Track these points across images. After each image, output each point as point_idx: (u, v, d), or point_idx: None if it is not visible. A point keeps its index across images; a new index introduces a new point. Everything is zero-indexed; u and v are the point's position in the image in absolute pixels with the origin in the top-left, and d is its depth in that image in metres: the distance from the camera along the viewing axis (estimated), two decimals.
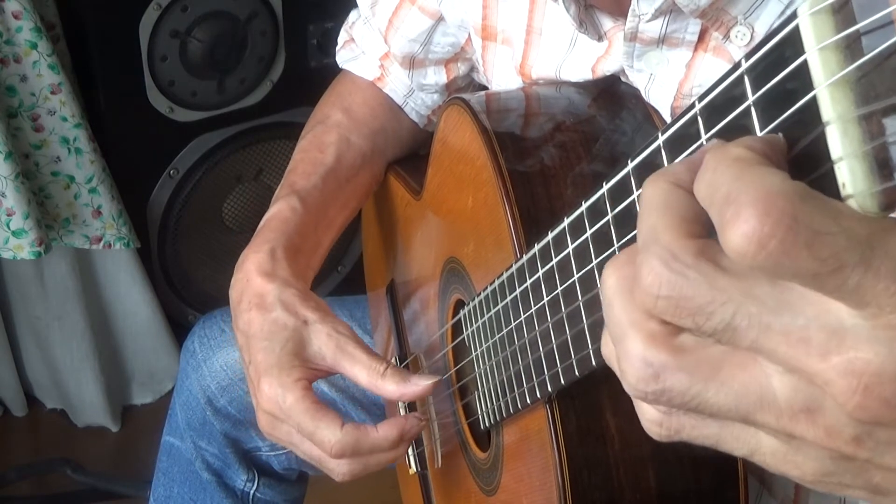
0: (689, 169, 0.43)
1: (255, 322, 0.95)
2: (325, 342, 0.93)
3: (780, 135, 0.40)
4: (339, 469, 0.93)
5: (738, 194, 0.37)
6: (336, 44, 1.28)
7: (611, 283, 0.44)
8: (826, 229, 0.36)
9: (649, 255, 0.41)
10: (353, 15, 1.25)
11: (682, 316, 0.41)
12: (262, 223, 1.07)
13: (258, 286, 0.97)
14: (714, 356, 0.42)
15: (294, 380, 0.91)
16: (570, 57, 0.92)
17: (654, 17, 0.78)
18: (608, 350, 0.47)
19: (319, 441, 0.90)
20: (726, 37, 0.78)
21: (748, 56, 0.41)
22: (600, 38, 0.87)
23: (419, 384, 0.90)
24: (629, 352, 0.43)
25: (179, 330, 2.20)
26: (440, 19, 1.11)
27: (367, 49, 1.22)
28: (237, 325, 0.99)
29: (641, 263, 0.42)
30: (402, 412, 1.14)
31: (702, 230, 0.41)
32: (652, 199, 0.43)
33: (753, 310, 0.39)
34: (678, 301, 0.40)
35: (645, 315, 0.43)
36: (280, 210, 1.07)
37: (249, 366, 0.96)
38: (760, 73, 0.41)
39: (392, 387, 0.90)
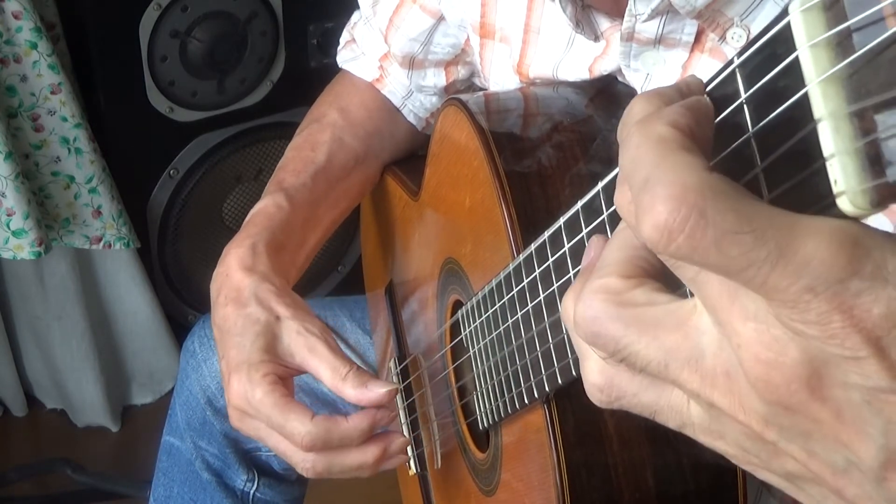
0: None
1: (230, 317, 0.96)
2: (295, 339, 0.93)
3: (706, 97, 0.42)
4: (303, 464, 0.92)
5: (655, 184, 0.38)
6: (336, 44, 1.28)
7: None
8: (735, 228, 0.37)
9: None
10: (355, 16, 1.25)
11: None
12: (247, 218, 1.07)
13: (236, 281, 0.98)
14: (655, 316, 0.44)
15: (262, 375, 0.91)
16: (568, 56, 0.92)
17: (651, 17, 0.78)
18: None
19: (290, 433, 0.90)
20: (722, 38, 0.78)
21: (740, 53, 0.41)
22: (597, 39, 0.87)
23: (375, 391, 0.89)
24: (584, 295, 0.46)
25: (179, 330, 2.20)
26: (441, 19, 1.11)
27: (367, 50, 1.22)
28: (214, 320, 0.99)
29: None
30: (402, 414, 1.14)
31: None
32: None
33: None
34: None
35: (612, 269, 0.45)
36: (265, 206, 1.07)
37: (222, 360, 0.96)
38: (752, 70, 0.41)
39: (350, 391, 0.90)
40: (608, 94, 0.89)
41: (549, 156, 0.83)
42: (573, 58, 0.92)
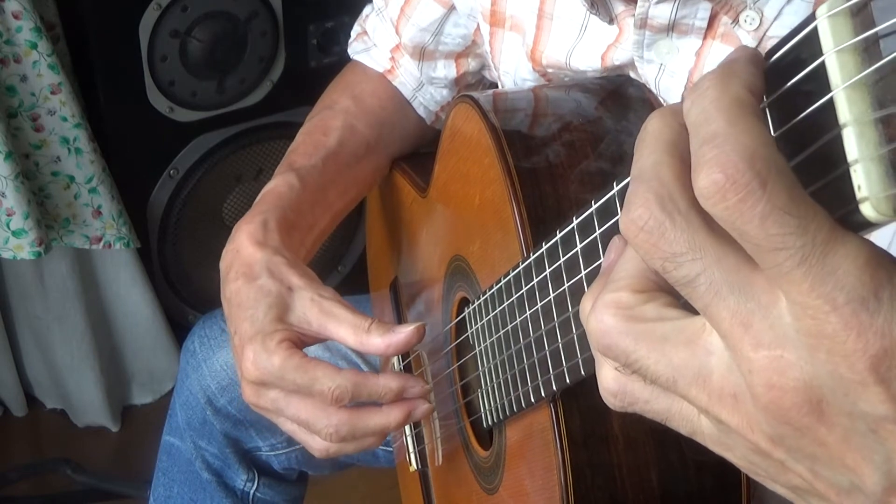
0: None
1: (242, 291, 0.94)
2: (309, 307, 0.92)
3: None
4: (328, 429, 0.90)
5: (725, 141, 0.39)
6: (336, 43, 1.28)
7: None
8: (785, 209, 0.37)
9: (647, 188, 0.43)
10: (367, 9, 1.26)
11: (654, 256, 0.42)
12: (258, 197, 1.07)
13: (248, 255, 0.97)
14: (664, 332, 0.44)
15: (277, 342, 0.90)
16: (581, 44, 0.92)
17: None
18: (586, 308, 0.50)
19: (319, 391, 0.88)
20: (735, 21, 0.78)
21: (765, 58, 0.42)
22: (611, 21, 0.87)
23: (404, 331, 0.88)
24: (597, 307, 0.46)
25: (179, 330, 2.20)
26: (452, 8, 1.11)
27: (378, 41, 1.22)
28: (224, 294, 0.98)
29: (635, 193, 0.43)
30: None
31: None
32: (660, 133, 0.44)
33: (717, 276, 0.41)
34: (657, 241, 0.42)
35: (624, 283, 0.46)
36: (277, 185, 1.07)
37: (234, 336, 0.94)
38: (776, 74, 0.41)
39: (378, 340, 0.88)
40: (619, 95, 0.89)
41: (561, 155, 0.83)
42: (586, 45, 0.92)
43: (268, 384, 0.91)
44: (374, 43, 1.23)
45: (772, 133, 0.41)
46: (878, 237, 0.69)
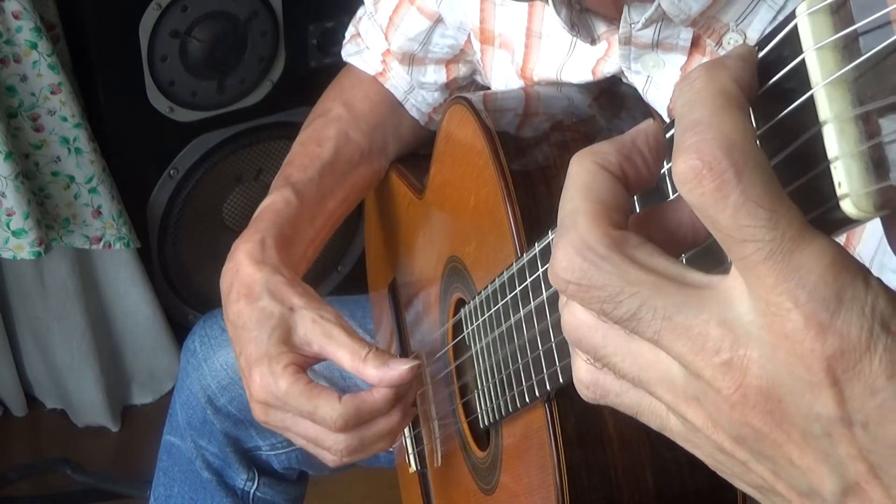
0: (618, 151, 0.45)
1: (244, 313, 0.97)
2: (311, 328, 0.94)
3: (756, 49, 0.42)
4: (336, 446, 0.93)
5: (707, 129, 0.39)
6: (336, 44, 1.28)
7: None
8: (758, 201, 0.38)
9: (566, 240, 0.43)
10: (361, 10, 1.26)
11: (591, 302, 0.43)
12: (255, 214, 1.08)
13: (247, 275, 0.99)
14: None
15: (283, 366, 0.92)
16: (571, 60, 0.93)
17: (646, 25, 0.79)
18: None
19: (322, 419, 0.91)
20: (719, 44, 0.78)
21: None
22: (593, 42, 0.88)
23: (398, 369, 0.90)
24: (567, 302, 0.46)
25: (179, 330, 2.20)
26: (439, 20, 1.11)
27: (370, 44, 1.23)
28: (227, 316, 1.00)
29: (557, 246, 0.44)
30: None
31: (621, 218, 0.44)
32: (577, 178, 0.45)
33: (660, 302, 0.41)
34: (588, 289, 0.43)
35: None
36: (274, 201, 1.08)
37: (240, 357, 0.97)
38: (758, 72, 0.41)
39: (372, 371, 0.91)
40: (612, 94, 0.89)
41: (554, 155, 0.83)
42: (576, 60, 0.92)
43: (274, 406, 0.94)
44: (366, 46, 1.24)
45: (755, 127, 0.41)
46: (869, 239, 0.69)
